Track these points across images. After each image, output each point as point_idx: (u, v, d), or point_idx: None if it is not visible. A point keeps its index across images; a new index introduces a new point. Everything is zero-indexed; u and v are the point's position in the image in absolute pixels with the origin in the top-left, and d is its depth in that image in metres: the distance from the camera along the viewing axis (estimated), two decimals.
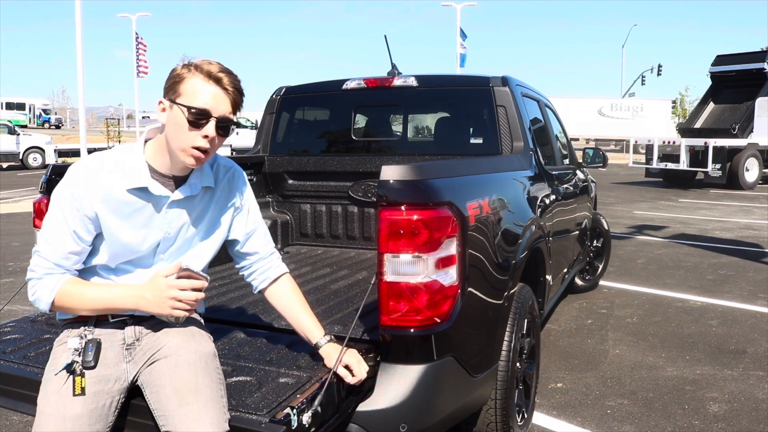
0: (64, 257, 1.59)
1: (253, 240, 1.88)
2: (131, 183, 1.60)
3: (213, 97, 1.55)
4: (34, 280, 1.60)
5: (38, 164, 22.19)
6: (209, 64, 1.57)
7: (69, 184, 1.60)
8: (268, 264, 1.91)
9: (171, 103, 1.56)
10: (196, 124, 1.54)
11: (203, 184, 1.71)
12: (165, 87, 1.59)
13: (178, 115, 1.55)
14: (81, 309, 1.61)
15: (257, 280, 1.91)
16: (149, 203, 1.64)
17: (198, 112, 1.54)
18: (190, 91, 1.55)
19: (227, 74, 1.57)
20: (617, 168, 23.12)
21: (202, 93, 1.54)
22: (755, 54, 16.73)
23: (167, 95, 1.58)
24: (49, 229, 1.60)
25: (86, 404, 1.55)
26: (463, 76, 4.39)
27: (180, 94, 1.55)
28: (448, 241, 1.90)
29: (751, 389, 3.30)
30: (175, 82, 1.57)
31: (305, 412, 1.56)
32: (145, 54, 28.11)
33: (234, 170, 1.83)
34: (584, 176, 4.89)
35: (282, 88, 3.94)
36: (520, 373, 2.60)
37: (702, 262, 6.62)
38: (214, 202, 1.76)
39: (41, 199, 2.53)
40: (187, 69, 1.57)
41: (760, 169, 16.07)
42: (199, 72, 1.56)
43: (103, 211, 1.60)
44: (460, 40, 26.81)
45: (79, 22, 14.44)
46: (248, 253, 1.89)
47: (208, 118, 1.55)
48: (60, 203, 1.60)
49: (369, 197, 3.50)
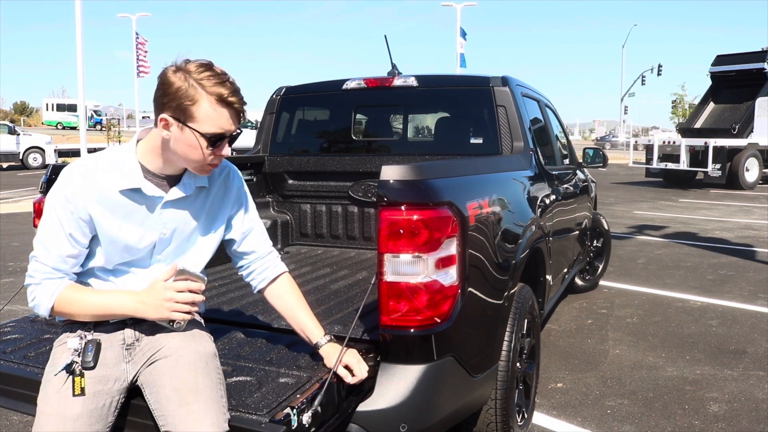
0: (61, 261, 1.59)
1: (250, 239, 1.87)
2: (124, 184, 1.59)
3: (227, 121, 1.56)
4: (33, 286, 1.60)
5: (38, 164, 22.18)
6: (219, 86, 1.51)
7: (62, 186, 1.59)
8: (267, 263, 1.90)
9: (181, 125, 1.52)
10: (213, 145, 1.56)
11: (197, 184, 1.70)
12: (165, 102, 1.52)
13: (190, 138, 1.54)
14: (80, 314, 1.61)
15: (256, 279, 1.90)
16: (143, 204, 1.63)
17: (214, 137, 1.55)
18: (204, 118, 1.52)
19: (235, 94, 1.54)
20: (617, 168, 23.12)
21: (217, 119, 1.53)
22: (755, 54, 16.72)
23: (172, 112, 1.52)
24: (45, 233, 1.59)
25: (86, 404, 1.55)
26: (463, 76, 4.39)
27: (194, 119, 1.52)
28: (448, 241, 1.90)
29: (751, 389, 3.30)
30: (183, 102, 1.50)
31: (305, 412, 1.56)
32: (145, 55, 28.13)
33: (229, 170, 1.83)
34: (584, 176, 4.89)
35: (282, 88, 3.94)
36: (520, 373, 2.60)
37: (702, 262, 6.62)
38: (209, 202, 1.76)
39: (41, 199, 2.53)
40: (193, 88, 1.50)
41: (760, 169, 16.07)
42: (209, 95, 1.51)
43: (97, 212, 1.59)
44: (461, 40, 26.82)
45: (79, 22, 14.45)
46: (245, 253, 1.88)
47: (224, 139, 1.57)
48: (54, 206, 1.58)
49: (369, 197, 3.50)
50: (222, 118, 1.54)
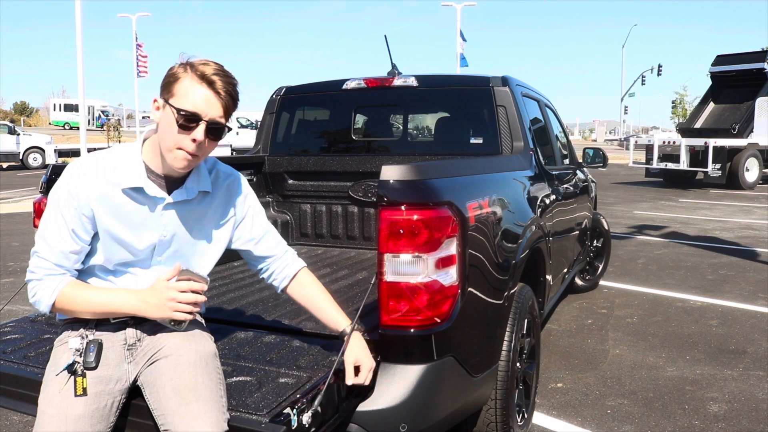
0: (63, 257, 1.59)
1: (264, 243, 1.87)
2: (127, 182, 1.60)
3: (204, 101, 1.52)
4: (34, 282, 1.59)
5: (38, 164, 22.19)
6: (205, 65, 1.54)
7: (66, 182, 1.60)
8: (285, 262, 1.90)
9: (165, 102, 1.55)
10: (185, 127, 1.52)
11: (200, 189, 1.69)
12: (161, 85, 1.58)
13: (169, 116, 1.53)
14: (81, 312, 1.61)
15: (277, 279, 1.90)
16: (145, 204, 1.63)
17: (188, 114, 1.52)
18: (182, 93, 1.52)
19: (221, 77, 1.54)
20: (617, 168, 23.12)
21: (193, 95, 1.52)
22: (755, 54, 16.71)
23: (162, 94, 1.57)
24: (47, 229, 1.59)
25: (88, 405, 1.55)
26: (463, 76, 4.39)
27: (173, 95, 1.54)
28: (448, 241, 1.90)
29: (751, 389, 3.30)
30: (170, 82, 1.55)
31: (305, 412, 1.56)
32: (145, 58, 28.19)
33: (234, 177, 1.82)
34: (584, 176, 4.89)
35: (282, 88, 3.94)
36: (520, 373, 2.60)
37: (702, 262, 6.62)
38: (212, 209, 1.75)
39: (41, 199, 2.53)
40: (183, 68, 1.55)
41: (760, 169, 16.06)
42: (193, 72, 1.53)
43: (99, 209, 1.59)
44: (461, 40, 26.84)
45: (79, 22, 14.46)
46: (263, 257, 1.88)
47: (197, 121, 1.53)
48: (58, 202, 1.59)
49: (369, 197, 3.50)
50: (198, 96, 1.52)
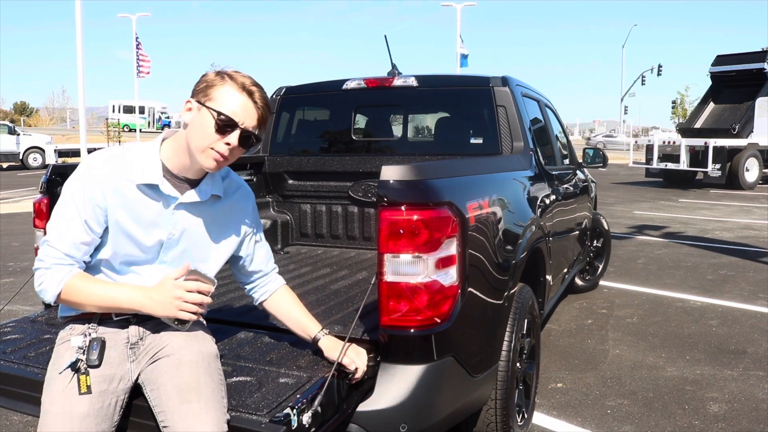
0: (74, 247, 1.59)
1: (256, 260, 1.93)
2: (143, 179, 1.62)
3: (243, 108, 1.59)
4: (42, 270, 1.59)
5: (38, 164, 22.17)
6: (243, 77, 1.62)
7: (83, 174, 1.62)
8: (269, 279, 1.97)
9: (200, 105, 1.60)
10: (221, 130, 1.58)
11: (213, 192, 1.73)
12: (195, 89, 1.63)
13: (205, 118, 1.58)
14: (86, 305, 1.61)
15: (258, 293, 1.97)
16: (159, 201, 1.65)
17: (226, 118, 1.58)
18: (221, 98, 1.59)
19: (259, 89, 1.63)
20: (617, 168, 23.12)
21: (233, 102, 1.59)
22: (755, 54, 16.71)
23: (197, 96, 1.61)
24: (60, 218, 1.60)
25: (93, 403, 1.55)
26: (463, 76, 4.39)
27: (211, 99, 1.59)
28: (448, 241, 1.90)
29: (751, 389, 3.30)
30: (208, 86, 1.61)
31: (305, 412, 1.56)
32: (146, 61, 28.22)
33: (244, 189, 1.88)
34: (584, 176, 4.89)
35: (282, 88, 3.94)
36: (520, 373, 2.60)
37: (702, 262, 6.62)
38: (222, 213, 1.78)
39: (41, 199, 2.53)
40: (221, 77, 1.61)
41: (760, 169, 16.07)
42: (233, 82, 1.60)
43: (113, 201, 1.61)
44: (460, 41, 26.86)
45: (79, 22, 14.46)
46: (252, 272, 1.94)
47: (234, 127, 1.59)
48: (73, 193, 1.61)
49: (369, 197, 3.50)
50: (237, 103, 1.59)
